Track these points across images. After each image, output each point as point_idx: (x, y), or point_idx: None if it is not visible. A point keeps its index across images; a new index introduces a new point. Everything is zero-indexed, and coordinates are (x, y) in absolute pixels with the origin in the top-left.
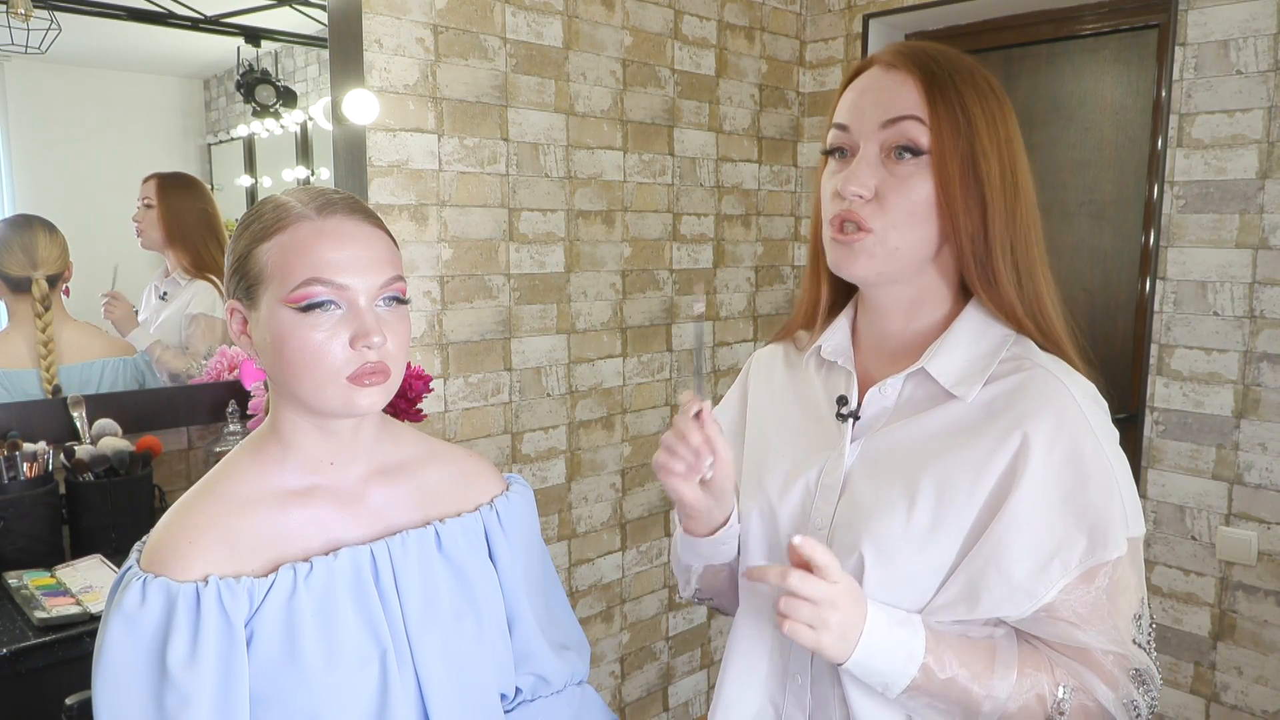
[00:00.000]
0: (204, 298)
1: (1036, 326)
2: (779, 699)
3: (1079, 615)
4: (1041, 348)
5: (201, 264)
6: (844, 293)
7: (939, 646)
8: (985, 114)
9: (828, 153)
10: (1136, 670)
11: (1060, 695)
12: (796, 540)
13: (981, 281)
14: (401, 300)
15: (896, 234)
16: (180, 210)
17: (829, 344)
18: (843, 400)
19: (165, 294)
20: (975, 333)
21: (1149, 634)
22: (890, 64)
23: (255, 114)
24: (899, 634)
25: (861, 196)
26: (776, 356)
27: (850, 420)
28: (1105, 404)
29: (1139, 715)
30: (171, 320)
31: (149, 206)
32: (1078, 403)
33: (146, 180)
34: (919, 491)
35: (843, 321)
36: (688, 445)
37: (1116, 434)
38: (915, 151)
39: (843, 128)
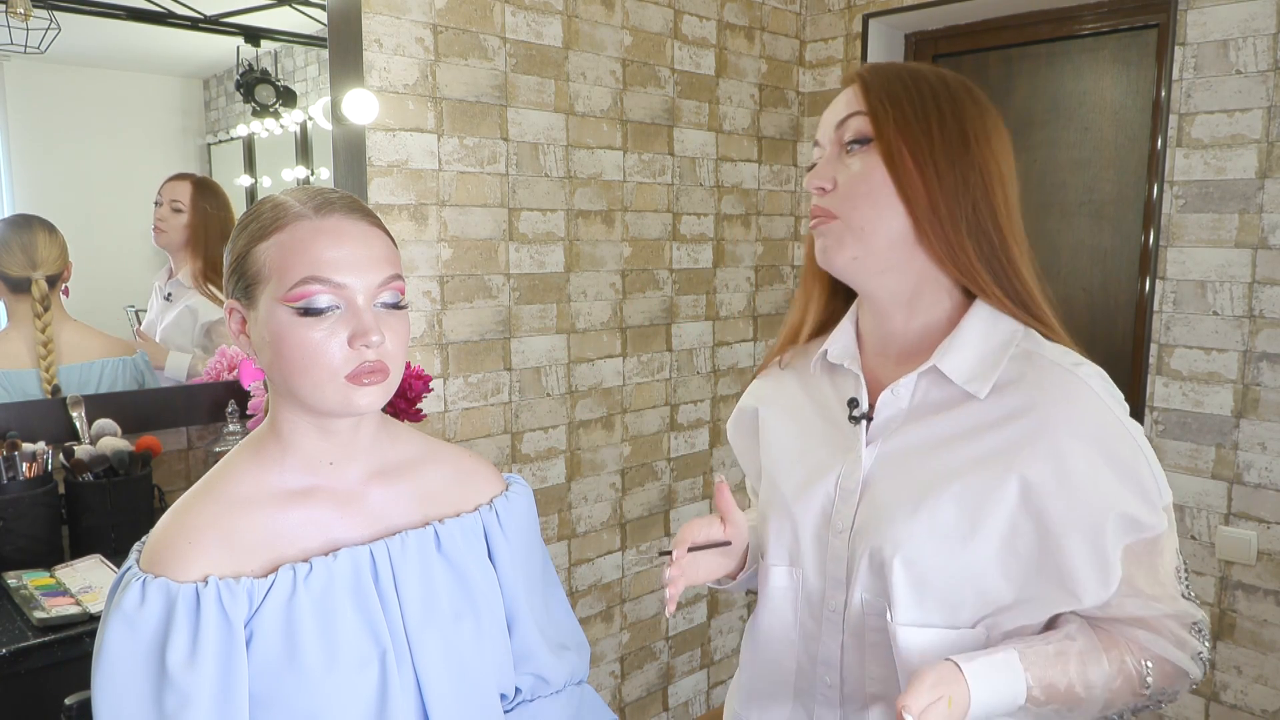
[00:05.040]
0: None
1: (1018, 301)
2: (809, 703)
3: (1133, 590)
4: (1046, 338)
5: (216, 272)
6: (838, 310)
7: (1034, 672)
8: (916, 99)
9: (809, 168)
10: (1195, 623)
11: (1143, 667)
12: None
13: (945, 254)
14: (399, 305)
15: (859, 215)
16: (208, 219)
17: (835, 347)
18: (853, 403)
19: (170, 295)
20: (985, 329)
21: (1186, 581)
22: (845, 82)
23: (255, 114)
24: (997, 684)
25: (823, 189)
26: (781, 371)
27: (864, 423)
28: (1114, 385)
29: (1205, 665)
30: (179, 322)
31: (178, 210)
32: (1096, 393)
33: (174, 181)
34: (942, 494)
35: (847, 325)
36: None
37: (1128, 409)
38: (862, 140)
39: (816, 143)
